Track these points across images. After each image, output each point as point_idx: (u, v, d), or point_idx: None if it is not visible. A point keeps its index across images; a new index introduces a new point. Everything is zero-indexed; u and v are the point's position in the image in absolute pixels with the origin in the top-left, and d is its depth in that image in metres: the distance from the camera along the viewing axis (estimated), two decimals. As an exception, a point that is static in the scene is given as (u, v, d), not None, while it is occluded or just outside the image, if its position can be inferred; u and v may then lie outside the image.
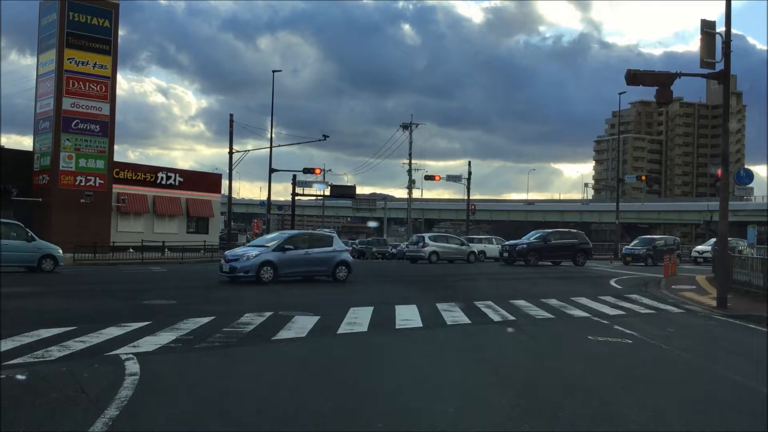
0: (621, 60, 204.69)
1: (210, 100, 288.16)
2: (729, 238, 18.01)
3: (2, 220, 23.26)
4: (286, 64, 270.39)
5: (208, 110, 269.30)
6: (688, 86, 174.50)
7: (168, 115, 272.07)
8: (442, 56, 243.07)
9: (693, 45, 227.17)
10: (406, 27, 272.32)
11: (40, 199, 34.79)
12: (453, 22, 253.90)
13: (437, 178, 58.88)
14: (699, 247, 44.76)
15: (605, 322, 12.58)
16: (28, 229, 23.44)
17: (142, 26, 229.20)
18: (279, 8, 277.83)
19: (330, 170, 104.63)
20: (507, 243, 38.11)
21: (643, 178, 68.36)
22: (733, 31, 16.05)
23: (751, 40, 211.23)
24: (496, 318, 12.68)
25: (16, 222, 24.41)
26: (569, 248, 34.56)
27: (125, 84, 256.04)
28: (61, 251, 23.95)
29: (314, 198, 74.42)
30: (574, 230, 38.95)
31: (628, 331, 11.24)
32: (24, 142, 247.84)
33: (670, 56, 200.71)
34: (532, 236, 35.82)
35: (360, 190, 73.89)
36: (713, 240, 42.59)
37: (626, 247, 41.40)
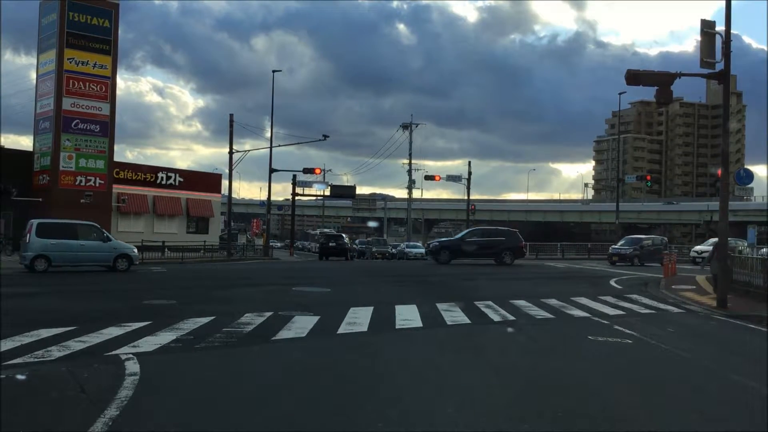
0: (617, 59, 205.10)
1: (206, 100, 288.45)
2: (728, 239, 18.01)
3: (81, 221, 24.13)
4: (282, 64, 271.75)
5: (204, 110, 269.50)
6: (688, 86, 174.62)
7: (164, 115, 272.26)
8: (438, 56, 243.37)
9: (688, 45, 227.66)
10: (401, 26, 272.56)
11: (40, 199, 34.76)
12: (448, 22, 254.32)
13: (437, 178, 58.90)
14: (698, 247, 44.16)
15: (605, 322, 12.58)
16: (104, 230, 24.22)
17: (136, 26, 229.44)
18: (273, 8, 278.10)
19: (330, 170, 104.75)
20: (431, 241, 38.03)
21: (648, 177, 68.26)
22: (732, 30, 16.05)
23: (746, 39, 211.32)
24: (496, 318, 12.68)
25: (93, 223, 25.31)
26: (492, 247, 33.43)
27: (121, 83, 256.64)
28: (135, 251, 24.51)
29: (314, 198, 74.54)
30: (506, 228, 38.38)
31: (628, 331, 11.24)
32: (22, 142, 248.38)
33: (666, 56, 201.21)
34: (460, 235, 35.96)
35: (360, 190, 73.93)
36: (712, 240, 42.58)
37: (613, 247, 40.71)
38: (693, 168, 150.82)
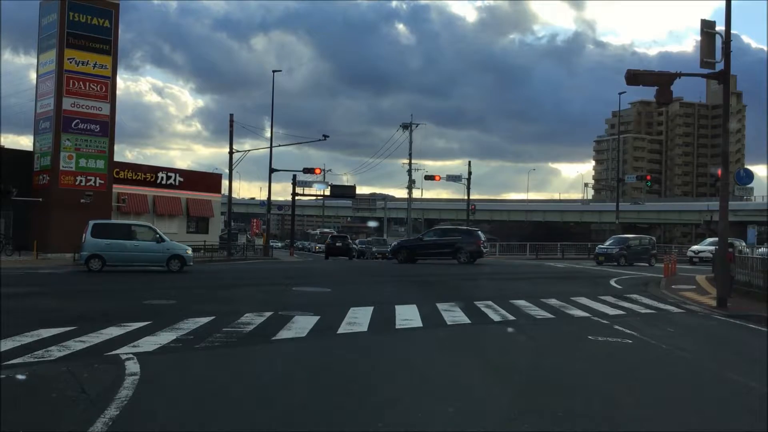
0: (616, 59, 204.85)
1: (206, 100, 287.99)
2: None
3: (137, 222, 24.25)
4: (281, 64, 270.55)
5: (204, 110, 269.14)
6: (688, 86, 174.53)
7: (164, 115, 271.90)
8: (437, 55, 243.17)
9: (687, 45, 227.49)
10: (401, 26, 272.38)
11: (40, 199, 34.75)
12: (447, 21, 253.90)
13: (437, 178, 58.86)
14: (695, 247, 43.93)
15: (605, 322, 12.58)
16: (157, 231, 24.24)
17: (135, 25, 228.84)
18: (271, 8, 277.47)
19: (330, 170, 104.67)
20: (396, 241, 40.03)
21: (648, 177, 68.26)
22: (731, 30, 16.05)
23: (746, 39, 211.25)
24: (496, 318, 12.68)
25: (147, 224, 25.56)
26: (449, 246, 33.73)
27: (121, 83, 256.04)
28: (190, 251, 24.27)
29: (314, 198, 74.47)
30: (465, 228, 39.05)
31: (628, 331, 11.24)
32: (21, 141, 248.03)
33: (665, 56, 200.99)
34: (420, 235, 37.35)
35: (360, 190, 73.84)
36: (709, 240, 42.50)
37: (599, 246, 40.38)
38: (693, 168, 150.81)
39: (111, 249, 23.03)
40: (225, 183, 48.20)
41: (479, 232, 36.63)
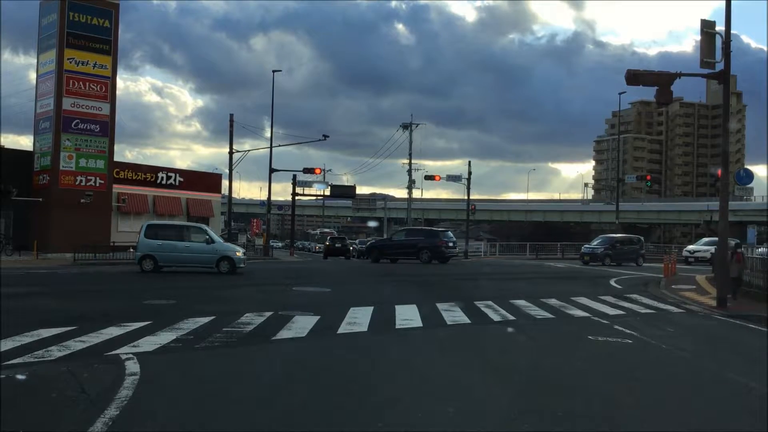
0: (616, 59, 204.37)
1: (205, 100, 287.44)
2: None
3: (189, 223, 24.13)
4: (281, 64, 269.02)
5: (204, 110, 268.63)
6: (688, 86, 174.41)
7: (164, 115, 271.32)
8: (437, 55, 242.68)
9: (687, 45, 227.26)
10: (400, 26, 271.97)
11: (40, 199, 34.75)
12: (446, 21, 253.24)
13: (437, 178, 58.80)
14: (690, 247, 43.58)
15: (605, 321, 12.58)
16: (207, 232, 24.04)
17: (134, 25, 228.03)
18: (271, 7, 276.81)
19: (330, 170, 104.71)
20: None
21: (648, 177, 68.21)
22: (731, 30, 16.05)
23: (746, 39, 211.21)
24: (496, 318, 12.68)
25: (200, 225, 25.56)
26: (412, 246, 34.77)
27: (120, 83, 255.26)
28: (239, 253, 23.85)
29: (314, 198, 74.43)
30: (429, 228, 40.14)
31: (628, 331, 11.25)
32: (20, 141, 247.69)
33: (665, 56, 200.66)
34: (390, 235, 39.09)
35: (360, 190, 73.74)
36: (704, 239, 42.46)
37: (585, 246, 40.12)
38: (693, 168, 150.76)
39: (163, 250, 23.11)
40: (225, 183, 48.26)
41: (449, 232, 38.01)
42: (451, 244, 35.97)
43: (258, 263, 36.92)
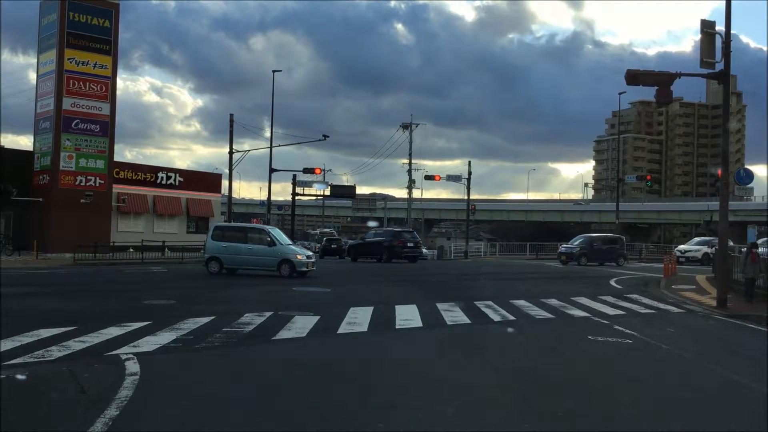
0: (615, 59, 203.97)
1: (205, 100, 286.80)
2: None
3: (254, 225, 24.03)
4: (280, 64, 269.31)
5: (203, 110, 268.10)
6: (688, 86, 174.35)
7: (163, 115, 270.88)
8: (436, 55, 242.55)
9: (686, 45, 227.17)
10: (399, 26, 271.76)
11: (40, 199, 34.73)
12: (446, 21, 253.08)
13: (437, 178, 58.80)
14: (682, 247, 43.28)
15: (605, 322, 12.58)
16: (270, 234, 23.52)
17: (134, 25, 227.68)
18: (270, 7, 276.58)
19: (330, 170, 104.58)
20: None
21: (648, 177, 68.21)
22: (731, 30, 16.06)
23: (745, 39, 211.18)
24: (496, 318, 12.69)
25: (263, 227, 25.34)
26: (376, 245, 36.74)
27: (120, 83, 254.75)
28: (300, 256, 22.99)
29: (314, 198, 74.37)
30: (392, 229, 42.02)
31: (628, 331, 11.25)
32: (21, 141, 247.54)
33: (664, 56, 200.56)
34: (366, 235, 41.58)
35: (360, 190, 73.71)
36: (696, 239, 42.38)
37: (563, 245, 39.74)
38: (693, 168, 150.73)
39: (228, 252, 22.91)
40: (225, 183, 48.19)
41: (414, 233, 39.94)
42: (411, 245, 36.75)
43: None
